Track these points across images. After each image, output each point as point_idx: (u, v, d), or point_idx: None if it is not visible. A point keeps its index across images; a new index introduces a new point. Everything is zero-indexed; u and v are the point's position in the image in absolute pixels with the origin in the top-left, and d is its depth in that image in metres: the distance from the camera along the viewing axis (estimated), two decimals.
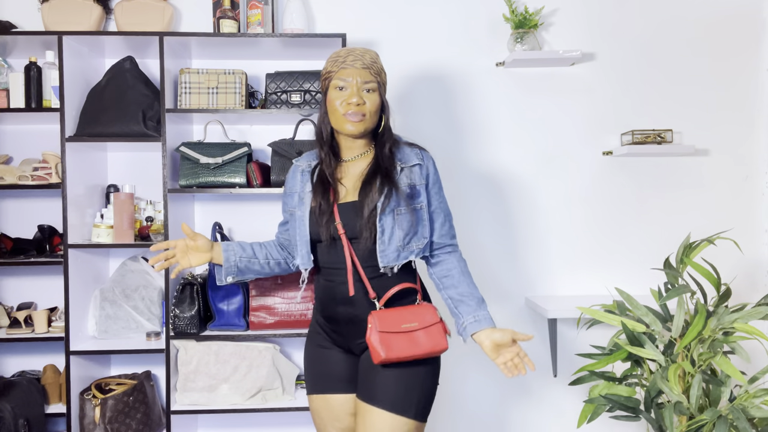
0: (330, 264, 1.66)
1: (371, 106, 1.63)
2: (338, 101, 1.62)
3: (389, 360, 1.53)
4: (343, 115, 1.62)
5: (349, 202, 1.65)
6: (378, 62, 1.67)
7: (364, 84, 1.62)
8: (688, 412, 1.80)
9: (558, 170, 2.58)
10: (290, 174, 1.80)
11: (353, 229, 1.61)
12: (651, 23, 2.59)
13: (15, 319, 2.32)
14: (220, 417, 2.54)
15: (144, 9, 2.35)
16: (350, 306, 1.63)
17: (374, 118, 1.66)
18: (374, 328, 1.54)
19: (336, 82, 1.63)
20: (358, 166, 1.70)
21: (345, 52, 1.64)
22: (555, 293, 2.57)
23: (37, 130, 2.48)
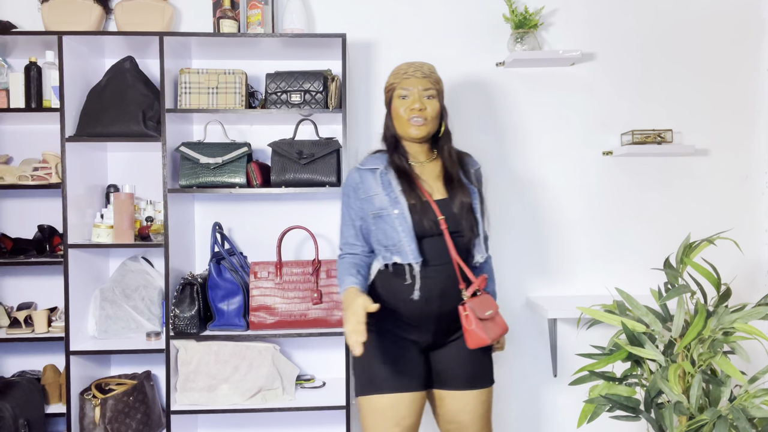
0: (429, 260, 1.75)
1: (432, 111, 1.78)
2: (402, 108, 1.79)
3: (490, 343, 1.70)
4: (407, 121, 1.78)
5: (441, 199, 1.79)
6: (435, 73, 1.84)
7: (424, 91, 1.78)
8: (688, 412, 1.80)
9: (558, 170, 2.58)
10: (357, 178, 1.83)
11: (454, 223, 1.76)
12: (651, 23, 2.59)
13: (15, 319, 2.32)
14: (220, 417, 2.54)
15: (144, 9, 2.35)
16: (445, 300, 1.75)
17: (435, 123, 1.81)
18: (472, 317, 1.68)
19: (399, 92, 1.80)
20: (431, 168, 1.85)
21: (405, 66, 1.82)
22: (555, 293, 2.58)
23: (37, 130, 2.48)
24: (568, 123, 2.58)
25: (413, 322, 1.76)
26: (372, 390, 1.75)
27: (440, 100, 1.82)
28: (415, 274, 1.74)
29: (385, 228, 1.76)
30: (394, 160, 1.81)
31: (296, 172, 2.25)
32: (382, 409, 1.73)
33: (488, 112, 2.58)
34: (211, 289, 2.27)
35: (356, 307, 1.58)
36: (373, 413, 1.74)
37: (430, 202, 1.75)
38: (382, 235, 1.77)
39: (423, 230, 1.73)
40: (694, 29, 2.59)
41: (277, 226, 2.49)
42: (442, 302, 1.75)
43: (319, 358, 2.54)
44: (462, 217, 1.75)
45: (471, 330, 1.68)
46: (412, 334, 1.78)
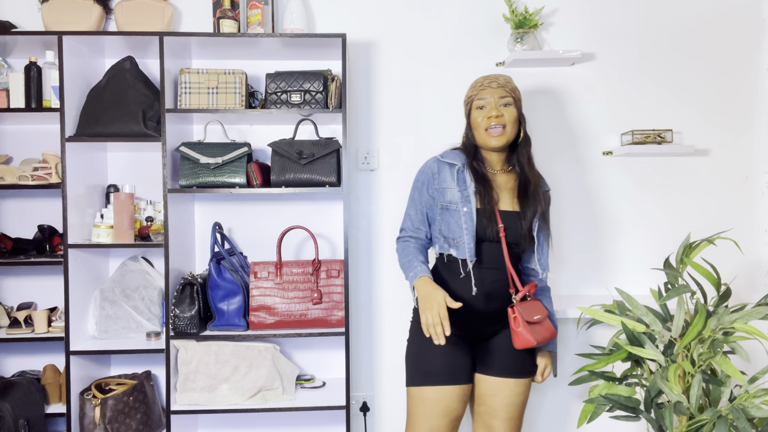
0: (482, 262, 1.87)
1: (509, 117, 1.88)
2: (480, 118, 1.88)
3: (536, 345, 1.80)
4: (486, 130, 1.88)
5: (508, 210, 1.89)
6: (511, 83, 1.92)
7: (500, 99, 1.88)
8: (688, 412, 1.80)
9: (558, 170, 2.58)
10: (435, 169, 1.94)
11: (513, 235, 1.87)
12: (651, 23, 2.59)
13: (15, 319, 2.32)
14: (220, 417, 2.54)
15: (144, 9, 2.35)
16: (491, 300, 1.87)
17: (513, 129, 1.90)
18: (520, 319, 1.80)
19: (477, 103, 1.90)
20: (507, 179, 1.94)
21: (482, 78, 1.92)
22: (555, 293, 2.57)
23: (37, 130, 2.48)
24: (568, 123, 2.58)
25: (463, 317, 1.86)
26: (424, 381, 1.86)
27: (518, 108, 1.91)
28: (469, 271, 1.85)
29: (450, 222, 1.87)
30: (473, 164, 1.91)
31: (296, 172, 2.25)
32: (432, 400, 1.84)
33: None
34: (211, 289, 2.27)
35: (440, 300, 1.72)
36: (423, 403, 1.85)
37: (495, 211, 1.85)
38: (445, 227, 1.88)
39: (484, 234, 1.84)
40: (694, 29, 2.59)
41: (277, 226, 2.49)
42: (488, 302, 1.86)
43: (319, 358, 2.54)
44: (522, 231, 1.86)
45: (518, 331, 1.79)
46: (459, 329, 1.88)
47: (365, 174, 2.57)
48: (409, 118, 2.56)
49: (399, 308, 2.54)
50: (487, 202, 1.85)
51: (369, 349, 2.58)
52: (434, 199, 1.92)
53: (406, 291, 2.54)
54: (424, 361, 1.88)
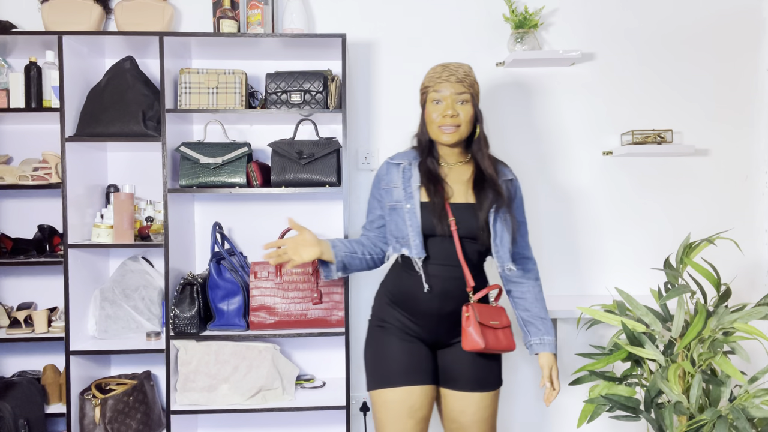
0: (434, 258, 1.78)
1: (465, 116, 1.78)
2: (435, 114, 1.78)
3: (485, 350, 1.70)
4: (439, 127, 1.78)
5: (461, 203, 1.80)
6: (471, 75, 1.81)
7: (458, 95, 1.77)
8: (688, 412, 1.80)
9: (558, 170, 2.58)
10: (383, 171, 1.89)
11: (466, 228, 1.77)
12: (651, 23, 2.59)
13: (15, 319, 2.32)
14: (220, 417, 2.54)
15: (144, 9, 2.35)
16: (446, 300, 1.77)
17: (468, 128, 1.80)
18: (473, 319, 1.70)
19: (432, 96, 1.79)
20: (462, 171, 1.85)
21: (440, 68, 1.80)
22: (555, 293, 2.57)
23: (37, 130, 2.48)
24: (568, 123, 2.58)
25: (418, 318, 1.80)
26: (383, 383, 1.78)
27: (474, 104, 1.81)
28: (420, 267, 1.77)
29: (398, 221, 1.80)
30: (425, 160, 1.84)
31: (296, 172, 2.25)
32: (394, 401, 1.76)
33: (488, 112, 2.56)
34: (211, 289, 2.27)
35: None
36: (385, 406, 1.77)
37: (445, 204, 1.77)
38: (394, 227, 1.82)
39: (432, 229, 1.76)
40: (694, 29, 2.59)
41: (277, 226, 2.49)
42: (443, 302, 1.77)
43: (319, 358, 2.54)
44: (478, 224, 1.76)
45: (468, 331, 1.70)
46: (417, 331, 1.81)
47: (365, 174, 2.57)
48: (409, 118, 2.56)
49: None
50: (435, 196, 1.77)
51: None
52: (383, 201, 1.86)
53: None
54: (381, 363, 1.80)
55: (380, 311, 1.87)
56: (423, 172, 1.81)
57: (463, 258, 1.75)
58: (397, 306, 1.83)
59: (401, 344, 1.79)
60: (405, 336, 1.80)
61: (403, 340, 1.80)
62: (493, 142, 2.57)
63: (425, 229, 1.76)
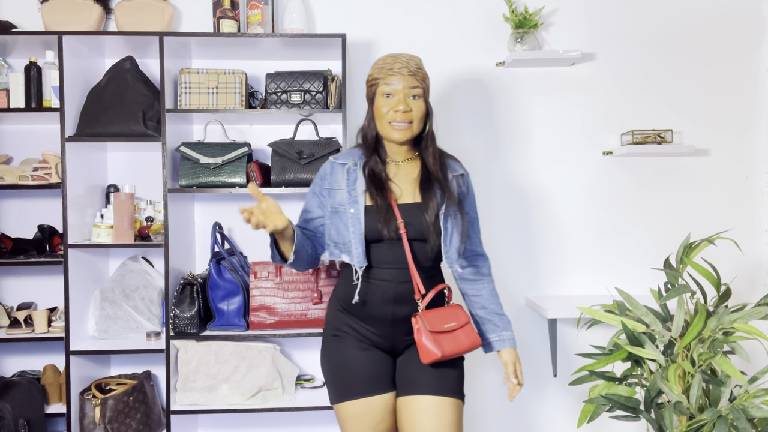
0: (383, 263, 1.68)
1: (417, 112, 1.67)
2: (385, 108, 1.67)
3: (442, 358, 1.59)
4: (389, 123, 1.67)
5: (409, 203, 1.69)
6: (422, 68, 1.70)
7: (410, 90, 1.66)
8: (688, 412, 1.80)
9: (558, 170, 2.58)
10: (327, 170, 1.77)
11: (416, 230, 1.66)
12: (651, 23, 2.59)
13: (15, 319, 2.32)
14: (220, 417, 2.54)
15: (144, 9, 2.35)
16: (401, 305, 1.67)
17: (419, 124, 1.70)
18: (423, 329, 1.59)
19: (383, 89, 1.67)
20: (409, 169, 1.75)
21: (391, 59, 1.68)
22: (555, 293, 2.57)
23: (37, 130, 2.48)
24: (568, 123, 2.58)
25: (372, 324, 1.71)
26: (343, 397, 1.68)
27: (426, 99, 1.70)
28: (359, 277, 1.66)
29: (339, 225, 1.69)
30: (369, 160, 1.73)
31: (296, 172, 2.25)
32: (357, 414, 1.67)
33: (488, 113, 2.58)
34: (211, 289, 2.27)
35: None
36: (347, 420, 1.69)
37: (393, 206, 1.66)
38: (334, 231, 1.70)
39: (377, 234, 1.65)
40: (694, 29, 2.59)
41: None
42: (396, 307, 1.68)
43: (319, 358, 2.54)
44: (428, 224, 1.66)
45: (421, 343, 1.59)
46: (372, 338, 1.71)
47: None
48: None
49: None
50: (381, 198, 1.65)
51: None
52: (325, 202, 1.74)
53: None
54: (339, 374, 1.70)
55: (333, 319, 1.76)
56: (368, 175, 1.70)
57: (412, 261, 1.65)
58: (350, 313, 1.73)
59: (357, 353, 1.69)
60: (360, 344, 1.71)
61: (359, 348, 1.70)
62: (492, 142, 2.58)
63: (370, 235, 1.65)
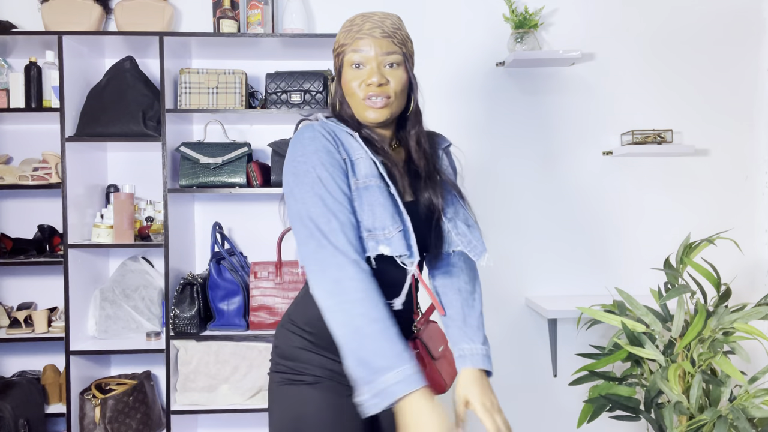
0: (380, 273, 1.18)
1: (396, 84, 1.25)
2: (355, 83, 1.24)
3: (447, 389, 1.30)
4: (362, 100, 1.24)
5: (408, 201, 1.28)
6: (402, 29, 1.31)
7: (386, 57, 1.25)
8: (688, 412, 1.80)
9: (558, 170, 2.58)
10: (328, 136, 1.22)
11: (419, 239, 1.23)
12: (651, 23, 2.59)
13: (15, 319, 2.32)
14: (220, 417, 2.54)
15: (144, 9, 2.35)
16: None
17: (401, 100, 1.28)
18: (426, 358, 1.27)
19: (351, 57, 1.26)
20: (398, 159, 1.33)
21: (361, 19, 1.29)
22: (555, 293, 2.57)
23: (37, 130, 2.48)
24: (568, 123, 2.58)
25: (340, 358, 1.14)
26: None
27: (408, 68, 1.29)
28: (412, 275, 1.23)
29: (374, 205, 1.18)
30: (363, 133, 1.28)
31: None
32: None
33: (488, 113, 2.57)
34: (211, 289, 2.27)
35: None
36: None
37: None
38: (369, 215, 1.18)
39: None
40: (694, 29, 2.59)
41: (277, 226, 2.49)
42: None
43: None
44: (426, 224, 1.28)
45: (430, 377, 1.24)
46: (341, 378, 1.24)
47: None
48: None
49: None
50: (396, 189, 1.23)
51: None
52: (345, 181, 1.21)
53: None
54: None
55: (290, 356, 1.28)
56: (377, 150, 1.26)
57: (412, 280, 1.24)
58: (317, 347, 1.26)
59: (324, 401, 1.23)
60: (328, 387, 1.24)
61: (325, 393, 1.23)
62: (492, 142, 2.58)
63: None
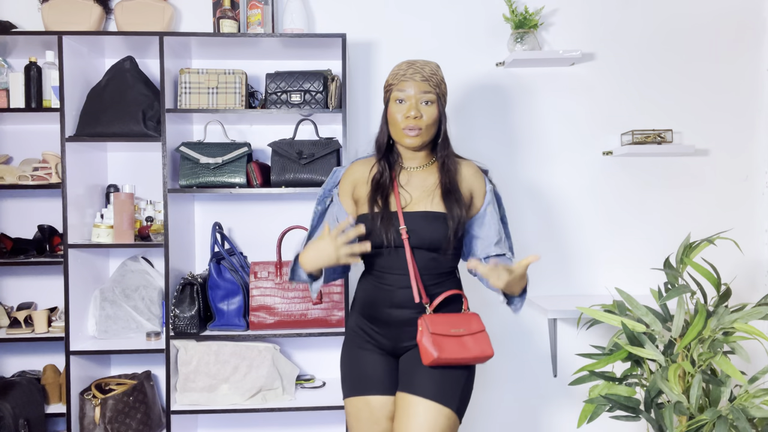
0: (386, 268, 1.69)
1: (428, 119, 1.67)
2: (398, 114, 1.67)
3: (440, 361, 1.58)
4: (402, 129, 1.67)
5: (418, 211, 1.68)
6: (438, 73, 1.70)
7: (423, 94, 1.66)
8: (688, 412, 1.80)
9: (558, 170, 2.58)
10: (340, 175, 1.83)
11: (419, 237, 1.66)
12: (651, 23, 2.59)
13: (15, 319, 2.32)
14: (220, 417, 2.54)
15: (144, 9, 2.35)
16: (402, 309, 1.68)
17: (432, 130, 1.70)
18: (425, 330, 1.59)
19: (396, 95, 1.68)
20: (424, 176, 1.74)
21: (405, 65, 1.69)
22: (555, 293, 2.57)
23: (37, 130, 2.48)
24: (568, 123, 2.58)
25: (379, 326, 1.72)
26: (349, 393, 1.74)
27: (440, 106, 1.70)
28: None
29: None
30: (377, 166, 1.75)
31: (296, 172, 2.25)
32: (354, 412, 1.72)
33: (488, 112, 2.57)
34: (211, 289, 2.27)
35: (323, 237, 1.60)
36: (350, 416, 1.75)
37: (399, 213, 1.67)
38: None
39: (379, 240, 1.65)
40: (694, 29, 2.59)
41: (277, 226, 2.49)
42: (397, 311, 1.68)
43: (319, 358, 2.54)
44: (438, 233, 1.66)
45: (420, 343, 1.60)
46: (379, 339, 1.73)
47: None
48: None
49: None
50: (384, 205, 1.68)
51: None
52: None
53: None
54: (348, 373, 1.75)
55: (351, 321, 1.81)
56: (373, 182, 1.72)
57: (413, 268, 1.65)
58: (362, 316, 1.76)
59: (366, 354, 1.73)
60: (364, 345, 1.74)
61: (367, 350, 1.73)
62: (492, 142, 2.58)
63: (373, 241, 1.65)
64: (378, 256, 1.70)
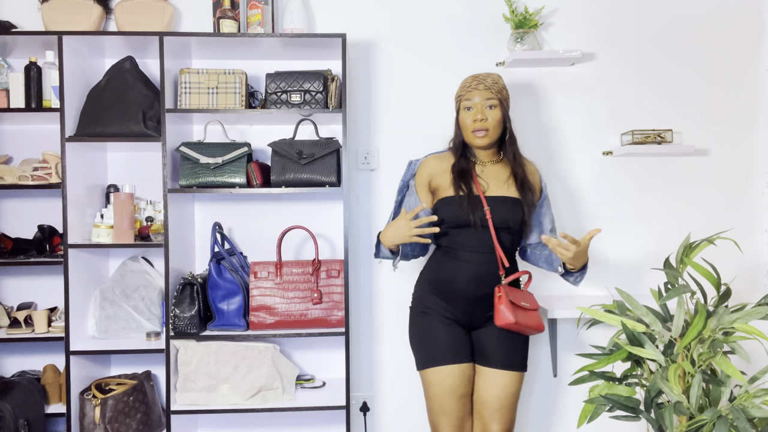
0: (467, 246, 1.97)
1: (493, 120, 1.98)
2: (468, 120, 2.00)
3: (513, 326, 1.89)
4: (471, 132, 1.99)
5: (496, 195, 2.00)
6: (499, 82, 2.02)
7: (486, 101, 1.98)
8: (688, 412, 1.80)
9: (558, 170, 2.58)
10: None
11: (500, 218, 1.97)
12: (651, 23, 2.59)
13: (15, 319, 2.32)
14: (220, 417, 2.54)
15: (144, 9, 2.35)
16: (479, 285, 1.96)
17: (497, 130, 2.01)
18: (504, 297, 1.89)
19: (464, 104, 2.01)
20: (496, 169, 2.06)
21: (471, 79, 2.03)
22: (555, 293, 2.57)
23: (37, 130, 2.48)
24: (568, 123, 2.58)
25: (454, 302, 1.98)
26: (428, 364, 1.97)
27: (503, 108, 2.00)
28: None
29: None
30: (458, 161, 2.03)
31: (296, 172, 2.25)
32: (437, 380, 1.95)
33: None
34: (211, 289, 2.27)
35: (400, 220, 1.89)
36: (429, 385, 1.98)
37: (481, 197, 1.96)
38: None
39: (466, 220, 1.95)
40: (694, 29, 2.59)
41: (277, 226, 2.49)
42: (477, 287, 1.95)
43: (319, 358, 2.54)
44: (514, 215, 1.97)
45: (499, 308, 1.88)
46: (455, 314, 1.99)
47: (365, 174, 2.57)
48: (409, 118, 2.56)
49: (399, 308, 2.54)
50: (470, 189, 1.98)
51: (369, 349, 2.58)
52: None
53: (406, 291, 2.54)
54: (425, 345, 1.99)
55: (421, 298, 2.04)
56: (456, 172, 2.01)
57: (498, 244, 1.94)
58: (436, 292, 2.00)
59: (442, 327, 1.98)
60: (444, 320, 1.98)
61: (442, 323, 1.98)
62: None
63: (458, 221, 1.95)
64: (459, 235, 1.98)
